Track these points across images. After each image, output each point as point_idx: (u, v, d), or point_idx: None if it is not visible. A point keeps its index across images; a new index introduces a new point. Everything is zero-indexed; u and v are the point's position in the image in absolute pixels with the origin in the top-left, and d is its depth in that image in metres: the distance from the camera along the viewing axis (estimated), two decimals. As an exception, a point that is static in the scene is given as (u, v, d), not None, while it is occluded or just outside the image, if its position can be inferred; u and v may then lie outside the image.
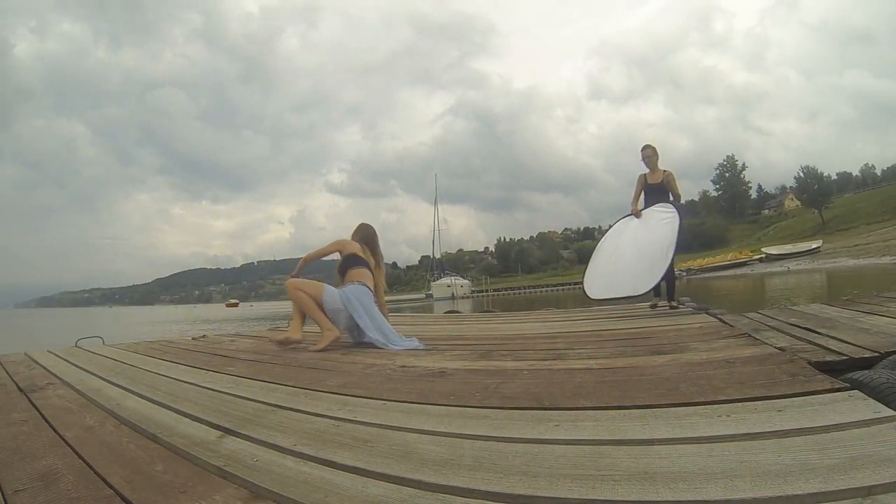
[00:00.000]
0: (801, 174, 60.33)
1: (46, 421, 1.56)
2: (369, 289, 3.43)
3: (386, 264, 4.11)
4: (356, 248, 3.59)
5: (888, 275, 15.83)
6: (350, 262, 3.50)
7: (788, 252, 40.93)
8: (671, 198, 4.35)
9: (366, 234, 3.71)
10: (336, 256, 3.61)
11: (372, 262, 3.64)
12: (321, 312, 3.25)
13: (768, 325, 2.33)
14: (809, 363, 1.46)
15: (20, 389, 2.16)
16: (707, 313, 3.33)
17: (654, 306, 4.42)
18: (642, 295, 4.16)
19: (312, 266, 3.56)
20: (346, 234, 3.64)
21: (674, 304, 4.29)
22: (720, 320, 2.82)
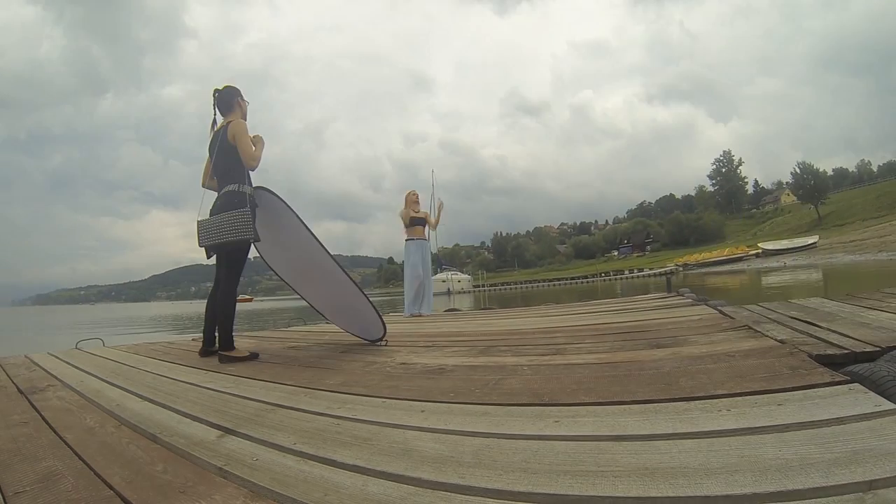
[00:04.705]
0: (798, 170, 60.50)
1: (46, 422, 1.56)
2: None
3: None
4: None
5: (885, 271, 15.86)
6: None
7: (785, 247, 41.02)
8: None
9: None
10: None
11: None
12: None
13: (768, 318, 2.32)
14: (810, 356, 1.45)
15: (20, 391, 2.16)
16: (706, 305, 3.33)
17: None
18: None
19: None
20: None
21: None
22: (720, 312, 2.81)
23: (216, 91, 2.94)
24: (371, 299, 2.78)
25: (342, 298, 2.93)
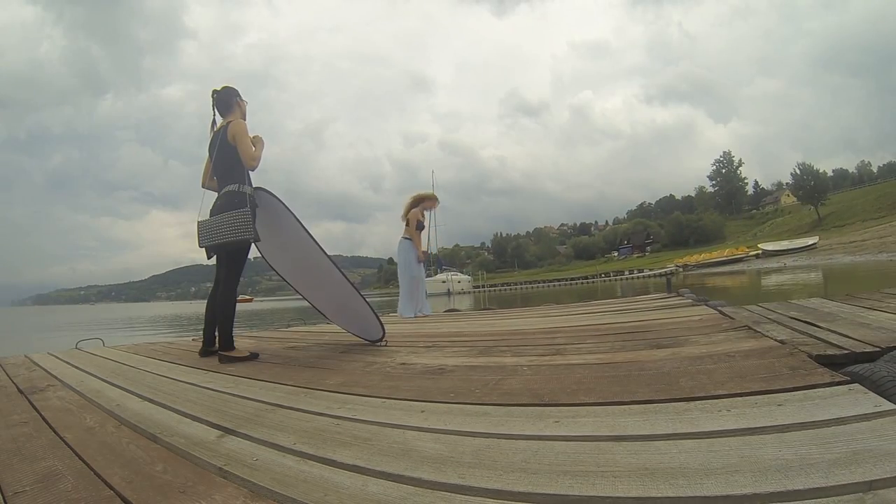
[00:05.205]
0: (798, 170, 60.46)
1: (46, 422, 1.56)
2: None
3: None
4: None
5: (885, 272, 15.86)
6: None
7: (785, 248, 40.99)
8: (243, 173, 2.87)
9: None
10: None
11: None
12: None
13: (768, 318, 2.32)
14: (810, 356, 1.45)
15: (20, 391, 2.16)
16: (707, 305, 3.33)
17: None
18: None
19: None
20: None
21: None
22: (720, 312, 2.81)
23: (214, 92, 2.95)
24: (371, 300, 2.78)
25: (341, 299, 2.94)
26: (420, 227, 5.99)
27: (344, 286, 2.79)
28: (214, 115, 2.96)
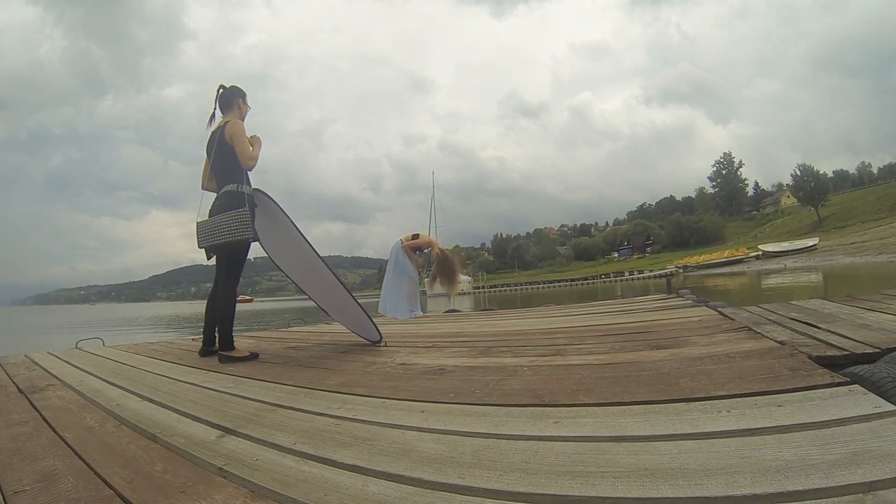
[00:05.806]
0: (798, 171, 60.41)
1: (46, 422, 1.56)
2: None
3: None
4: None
5: (885, 273, 15.86)
6: None
7: (785, 249, 41.04)
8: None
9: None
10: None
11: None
12: None
13: (768, 319, 2.32)
14: (810, 357, 1.45)
15: (20, 391, 2.16)
16: (707, 306, 3.33)
17: None
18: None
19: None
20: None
21: None
22: (720, 313, 2.81)
23: (221, 87, 2.94)
24: (372, 300, 2.78)
25: (338, 301, 2.94)
26: (419, 250, 6.31)
27: (339, 289, 2.79)
28: (215, 109, 2.95)
